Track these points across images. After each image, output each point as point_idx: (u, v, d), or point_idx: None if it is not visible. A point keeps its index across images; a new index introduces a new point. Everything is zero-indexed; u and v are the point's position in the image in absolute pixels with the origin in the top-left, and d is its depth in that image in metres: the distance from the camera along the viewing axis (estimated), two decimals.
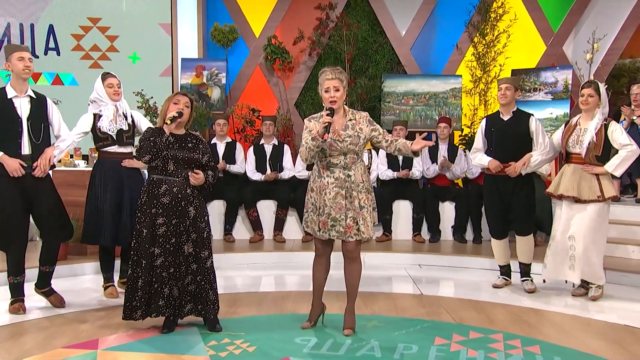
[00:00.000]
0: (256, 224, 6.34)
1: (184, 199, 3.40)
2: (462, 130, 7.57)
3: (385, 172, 6.44)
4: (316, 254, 3.52)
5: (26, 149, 3.77)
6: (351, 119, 3.38)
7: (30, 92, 3.86)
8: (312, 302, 3.60)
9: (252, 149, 6.62)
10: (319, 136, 3.20)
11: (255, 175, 6.45)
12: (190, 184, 3.42)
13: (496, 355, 3.14)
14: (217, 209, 6.32)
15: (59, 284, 4.22)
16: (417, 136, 3.43)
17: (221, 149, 6.49)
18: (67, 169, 5.61)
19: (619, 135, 4.19)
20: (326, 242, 3.46)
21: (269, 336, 3.40)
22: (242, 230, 6.44)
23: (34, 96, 3.88)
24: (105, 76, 4.21)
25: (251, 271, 5.39)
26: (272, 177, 6.35)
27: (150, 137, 3.37)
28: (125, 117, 4.21)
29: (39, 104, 3.88)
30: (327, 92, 3.30)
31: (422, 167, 6.45)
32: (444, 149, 6.50)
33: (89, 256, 5.23)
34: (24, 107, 3.80)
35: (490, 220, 4.74)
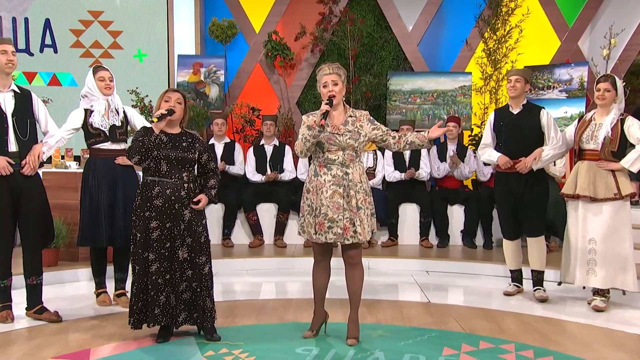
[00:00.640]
0: (256, 228, 6.34)
1: (177, 202, 3.39)
2: (471, 130, 7.56)
3: (392, 173, 6.44)
4: (315, 260, 3.52)
5: (13, 146, 3.77)
6: (351, 115, 3.41)
7: (13, 87, 3.86)
8: (314, 311, 3.59)
9: (251, 149, 6.63)
10: (316, 125, 3.22)
11: (255, 176, 6.46)
12: (185, 186, 3.41)
13: None
14: (215, 212, 6.32)
15: (49, 291, 4.22)
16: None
17: (219, 149, 6.50)
18: (58, 170, 5.61)
19: (636, 130, 4.16)
20: (325, 247, 3.46)
21: (269, 346, 3.39)
22: (241, 234, 6.44)
23: (18, 91, 3.87)
24: (96, 69, 4.22)
25: (251, 278, 5.38)
26: (272, 177, 6.35)
27: (139, 137, 3.37)
28: (117, 112, 4.22)
29: (23, 99, 3.88)
30: (326, 87, 3.35)
31: (429, 167, 6.45)
32: (452, 150, 6.49)
33: (80, 262, 5.24)
34: (7, 103, 3.79)
35: (502, 220, 4.72)
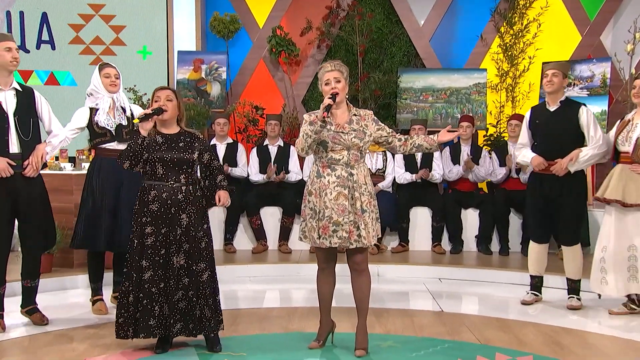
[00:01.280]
0: (259, 233, 6.34)
1: (174, 205, 3.37)
2: (486, 129, 7.53)
3: (402, 175, 6.42)
4: (319, 267, 3.52)
5: (15, 147, 3.80)
6: (356, 114, 3.43)
7: (15, 85, 3.89)
8: (319, 320, 3.59)
9: (255, 150, 6.63)
10: (318, 119, 3.23)
11: (257, 176, 6.45)
12: (182, 189, 3.40)
13: None
14: (216, 216, 6.33)
15: (43, 299, 4.24)
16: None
17: (221, 150, 6.50)
18: (52, 172, 5.63)
19: None
20: (329, 252, 3.46)
21: (273, 357, 3.39)
22: (243, 239, 6.44)
23: (20, 89, 3.91)
24: (102, 66, 4.28)
25: (254, 285, 5.38)
26: (279, 179, 6.33)
27: (129, 142, 3.38)
28: (124, 111, 4.24)
29: (26, 97, 3.92)
30: (328, 85, 3.35)
31: (442, 169, 6.43)
32: (466, 151, 6.47)
33: (75, 268, 5.26)
34: (9, 101, 3.83)
35: (530, 220, 4.66)
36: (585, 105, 4.44)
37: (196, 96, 7.37)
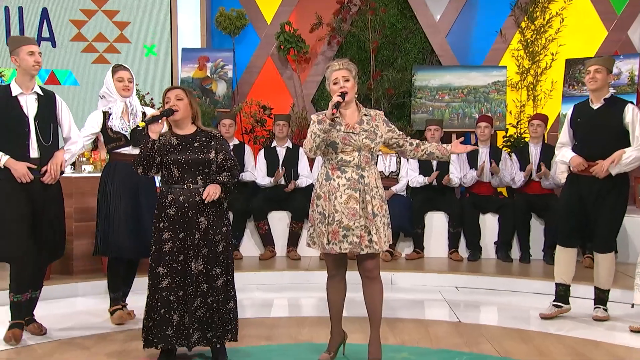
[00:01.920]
0: (267, 239, 6.36)
1: (191, 209, 3.38)
2: (506, 130, 7.51)
3: (415, 178, 6.42)
4: (328, 274, 3.53)
5: (35, 152, 3.87)
6: (366, 114, 3.46)
7: (37, 89, 3.97)
8: (330, 330, 3.59)
9: (262, 152, 6.65)
10: (326, 117, 3.25)
11: (264, 180, 6.47)
12: (200, 191, 3.39)
13: None
14: None
15: (41, 307, 4.24)
16: (453, 138, 3.43)
17: None
18: None
19: None
20: (338, 259, 3.46)
21: None
22: (250, 245, 6.46)
23: (41, 93, 3.98)
24: (115, 68, 4.31)
25: (261, 293, 5.40)
26: (288, 190, 6.34)
27: (140, 146, 3.40)
28: (136, 115, 4.28)
29: (47, 101, 3.99)
30: (336, 84, 3.38)
31: (460, 172, 6.42)
32: (484, 153, 6.45)
33: (75, 275, 5.29)
34: (30, 106, 3.90)
35: (562, 223, 4.56)
36: (632, 103, 4.37)
37: (201, 95, 7.40)
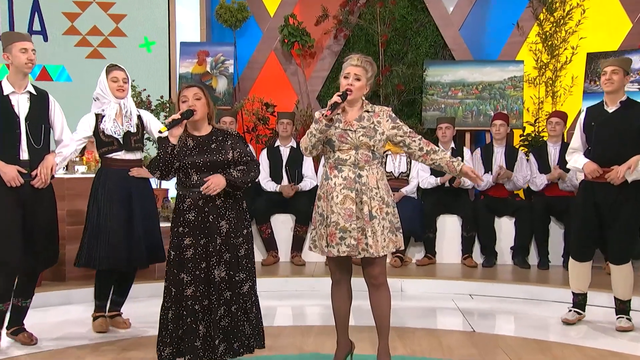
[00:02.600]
0: (270, 243, 6.36)
1: (212, 213, 3.38)
2: (523, 128, 7.49)
3: (427, 179, 6.40)
4: (332, 280, 3.52)
5: (25, 154, 3.87)
6: (368, 110, 3.42)
7: (30, 88, 3.98)
8: (337, 340, 3.58)
9: (265, 152, 6.66)
10: (322, 117, 3.23)
11: (269, 184, 6.47)
12: (221, 193, 3.37)
13: None
14: None
15: (32, 316, 4.24)
16: (467, 137, 3.42)
17: None
18: None
19: None
20: (342, 263, 3.45)
21: None
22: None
23: (34, 92, 3.99)
24: (109, 68, 4.31)
25: (264, 301, 5.34)
26: (290, 193, 6.34)
27: (159, 150, 3.39)
28: (130, 117, 4.28)
29: (39, 101, 4.00)
30: (346, 79, 3.35)
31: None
32: (500, 153, 6.44)
33: (67, 282, 5.30)
34: (22, 105, 3.91)
35: (575, 235, 4.58)
36: None
37: None
